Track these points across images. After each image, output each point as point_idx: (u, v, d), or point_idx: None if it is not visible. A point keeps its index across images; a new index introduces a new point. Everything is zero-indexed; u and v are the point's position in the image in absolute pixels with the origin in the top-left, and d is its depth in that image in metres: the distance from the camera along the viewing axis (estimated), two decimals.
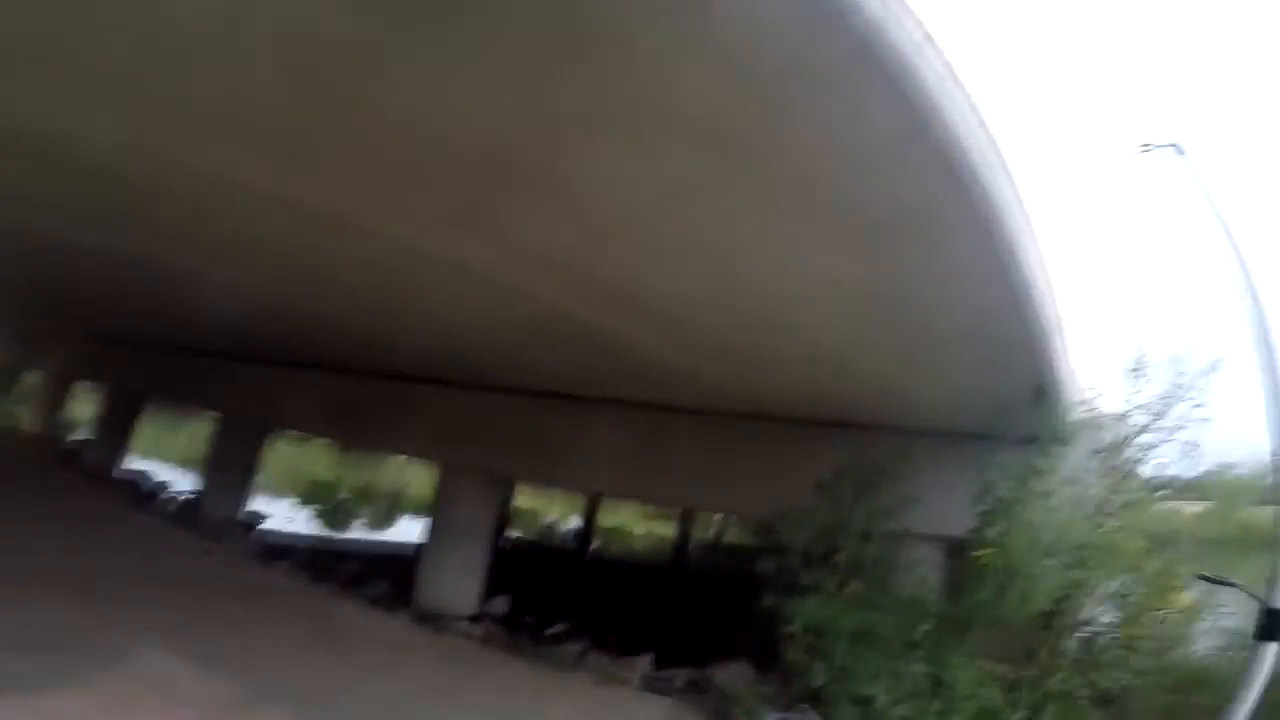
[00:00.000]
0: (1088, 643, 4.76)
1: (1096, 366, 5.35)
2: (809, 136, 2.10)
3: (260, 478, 10.91)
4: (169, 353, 10.86)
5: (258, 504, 11.19)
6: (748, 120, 2.03)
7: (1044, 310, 3.46)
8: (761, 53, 1.83)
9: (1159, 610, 4.74)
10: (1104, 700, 4.47)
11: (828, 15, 1.77)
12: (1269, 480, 5.24)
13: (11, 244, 5.25)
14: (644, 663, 6.24)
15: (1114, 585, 4.76)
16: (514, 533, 19.03)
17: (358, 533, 15.45)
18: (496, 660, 5.38)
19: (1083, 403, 4.82)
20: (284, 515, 13.26)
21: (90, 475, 10.40)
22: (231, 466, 9.87)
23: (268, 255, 3.85)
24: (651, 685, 5.64)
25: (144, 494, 10.05)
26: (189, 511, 9.19)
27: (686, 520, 19.13)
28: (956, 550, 5.00)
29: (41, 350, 13.88)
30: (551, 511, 24.61)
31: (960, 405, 4.62)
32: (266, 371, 9.26)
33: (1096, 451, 4.85)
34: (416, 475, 21.50)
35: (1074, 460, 4.70)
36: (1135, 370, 4.81)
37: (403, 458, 21.44)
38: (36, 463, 10.98)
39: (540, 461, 6.97)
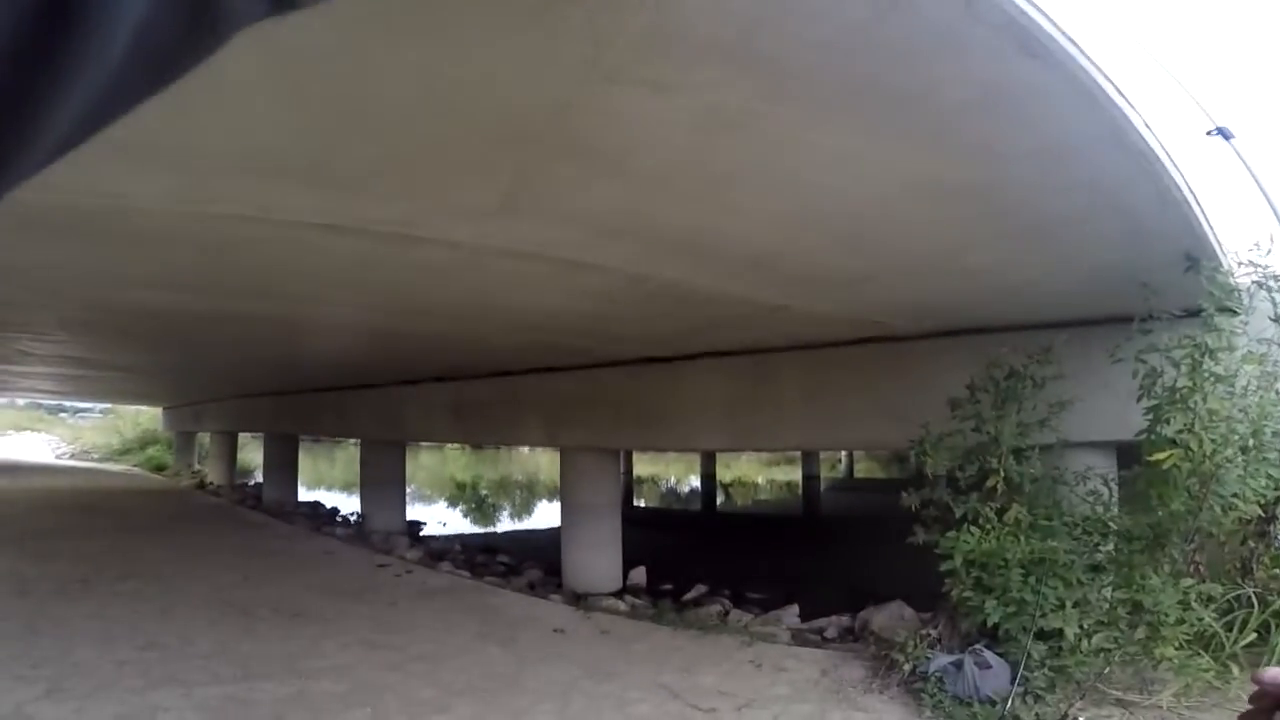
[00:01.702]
0: None
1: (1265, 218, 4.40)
2: (846, 28, 1.80)
3: (410, 488, 11.94)
4: (309, 395, 12.07)
5: (413, 512, 12.30)
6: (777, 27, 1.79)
7: (1175, 170, 2.87)
8: None
9: None
10: None
11: None
12: None
13: (157, 328, 5.94)
14: (789, 616, 6.11)
15: None
16: (640, 502, 19.66)
17: (503, 525, 16.58)
18: (644, 633, 5.52)
19: (1249, 263, 3.87)
20: (437, 519, 14.54)
21: (272, 511, 11.90)
22: (383, 483, 10.86)
23: (351, 282, 4.07)
24: (801, 638, 5.50)
25: (320, 521, 11.34)
26: (359, 530, 10.24)
27: (810, 461, 18.78)
28: (1130, 457, 4.32)
29: (209, 415, 16.05)
30: (670, 474, 25.05)
31: (1099, 288, 3.97)
32: (392, 392, 10.05)
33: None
34: (545, 461, 22.70)
35: (1253, 332, 3.86)
36: None
37: (526, 449, 22.74)
38: (229, 506, 12.77)
39: (647, 428, 6.98)
